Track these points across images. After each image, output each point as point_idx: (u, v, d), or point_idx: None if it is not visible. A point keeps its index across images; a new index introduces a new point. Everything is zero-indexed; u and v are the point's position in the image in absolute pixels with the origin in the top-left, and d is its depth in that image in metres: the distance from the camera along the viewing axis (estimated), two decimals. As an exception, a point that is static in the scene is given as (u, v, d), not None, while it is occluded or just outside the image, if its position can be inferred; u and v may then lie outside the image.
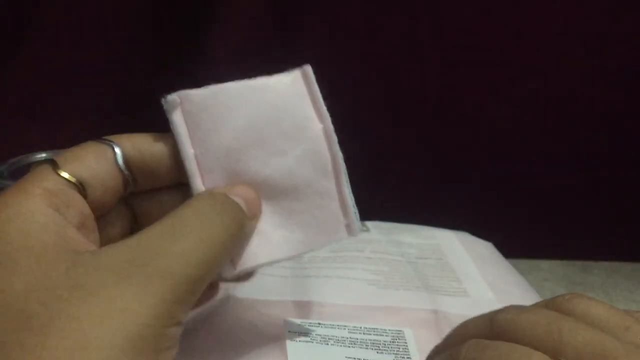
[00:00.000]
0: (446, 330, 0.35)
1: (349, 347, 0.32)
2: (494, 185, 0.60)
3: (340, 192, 0.28)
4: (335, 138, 0.28)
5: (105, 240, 0.27)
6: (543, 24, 0.56)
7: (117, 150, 0.27)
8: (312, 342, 0.32)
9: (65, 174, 0.25)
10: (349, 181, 0.29)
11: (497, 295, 0.40)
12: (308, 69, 0.29)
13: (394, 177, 0.58)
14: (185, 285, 0.22)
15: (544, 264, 0.59)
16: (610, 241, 0.60)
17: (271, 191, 0.28)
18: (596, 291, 0.55)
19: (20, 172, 0.41)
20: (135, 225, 0.29)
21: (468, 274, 0.43)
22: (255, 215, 0.27)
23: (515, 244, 0.51)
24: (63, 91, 0.58)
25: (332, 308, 0.36)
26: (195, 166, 0.27)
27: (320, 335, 0.33)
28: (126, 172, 0.27)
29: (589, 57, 0.57)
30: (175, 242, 0.23)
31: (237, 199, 0.26)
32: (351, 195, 0.29)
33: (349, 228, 0.29)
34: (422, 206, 0.54)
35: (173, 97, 0.27)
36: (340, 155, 0.28)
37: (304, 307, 0.36)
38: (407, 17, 0.56)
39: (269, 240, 0.28)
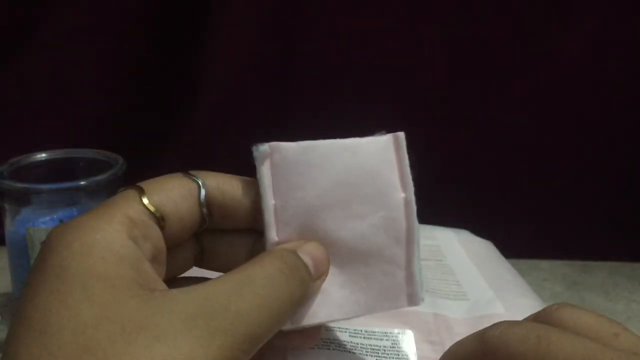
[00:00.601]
0: (445, 334, 0.35)
1: (350, 352, 0.32)
2: (494, 185, 0.60)
3: (408, 262, 0.28)
4: (414, 208, 0.28)
5: (169, 270, 0.27)
6: (543, 26, 0.56)
7: (202, 188, 0.27)
8: (314, 347, 0.32)
9: (149, 205, 0.25)
10: (420, 251, 0.29)
11: (497, 295, 0.40)
12: (401, 135, 0.29)
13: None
14: (244, 343, 0.22)
15: (544, 264, 0.59)
16: (610, 241, 0.60)
17: (341, 252, 0.28)
18: (596, 291, 0.55)
19: (20, 172, 0.41)
20: (200, 259, 0.30)
21: (468, 276, 0.43)
22: (321, 276, 0.28)
23: (515, 244, 0.51)
24: (63, 93, 0.58)
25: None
26: (273, 218, 0.27)
27: (322, 338, 0.33)
28: (205, 211, 0.27)
29: (589, 57, 0.57)
30: (241, 300, 0.23)
31: (306, 259, 0.26)
32: (420, 265, 0.29)
33: (410, 297, 0.29)
34: (422, 206, 0.54)
35: (264, 147, 0.27)
36: (416, 226, 0.28)
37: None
38: (408, 22, 0.56)
39: (331, 299, 0.28)
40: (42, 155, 0.43)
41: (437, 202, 0.57)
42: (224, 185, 0.28)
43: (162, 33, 0.57)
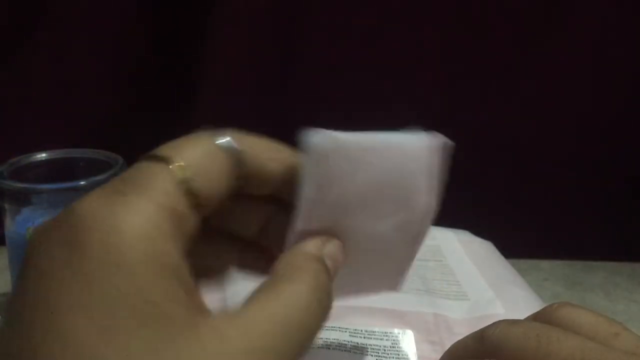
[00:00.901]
0: (445, 334, 0.35)
1: (350, 352, 0.32)
2: (494, 185, 0.60)
3: (408, 258, 0.29)
4: (432, 216, 0.28)
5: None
6: (543, 26, 0.56)
7: (239, 161, 0.24)
8: (314, 347, 0.32)
9: (189, 193, 0.22)
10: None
11: (497, 295, 0.40)
12: (448, 143, 0.28)
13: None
14: None
15: (544, 264, 0.59)
16: (610, 241, 0.60)
17: (357, 246, 0.28)
18: (596, 291, 0.55)
19: (20, 172, 0.41)
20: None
21: (468, 277, 0.43)
22: (334, 278, 0.26)
23: (515, 244, 0.51)
24: (63, 93, 0.58)
25: (333, 310, 0.36)
26: (307, 208, 0.26)
27: (322, 338, 0.33)
28: (236, 184, 0.24)
29: (589, 57, 0.57)
30: (284, 341, 0.21)
31: (328, 263, 0.25)
32: (414, 260, 0.29)
33: (394, 285, 0.30)
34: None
35: (317, 135, 0.25)
36: (429, 228, 0.28)
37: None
38: (408, 22, 0.56)
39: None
40: (42, 155, 0.43)
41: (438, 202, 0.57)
42: (254, 150, 0.25)
43: (162, 33, 0.57)
